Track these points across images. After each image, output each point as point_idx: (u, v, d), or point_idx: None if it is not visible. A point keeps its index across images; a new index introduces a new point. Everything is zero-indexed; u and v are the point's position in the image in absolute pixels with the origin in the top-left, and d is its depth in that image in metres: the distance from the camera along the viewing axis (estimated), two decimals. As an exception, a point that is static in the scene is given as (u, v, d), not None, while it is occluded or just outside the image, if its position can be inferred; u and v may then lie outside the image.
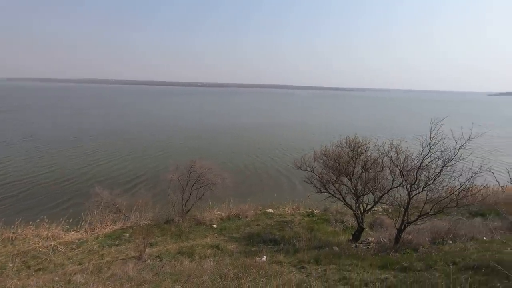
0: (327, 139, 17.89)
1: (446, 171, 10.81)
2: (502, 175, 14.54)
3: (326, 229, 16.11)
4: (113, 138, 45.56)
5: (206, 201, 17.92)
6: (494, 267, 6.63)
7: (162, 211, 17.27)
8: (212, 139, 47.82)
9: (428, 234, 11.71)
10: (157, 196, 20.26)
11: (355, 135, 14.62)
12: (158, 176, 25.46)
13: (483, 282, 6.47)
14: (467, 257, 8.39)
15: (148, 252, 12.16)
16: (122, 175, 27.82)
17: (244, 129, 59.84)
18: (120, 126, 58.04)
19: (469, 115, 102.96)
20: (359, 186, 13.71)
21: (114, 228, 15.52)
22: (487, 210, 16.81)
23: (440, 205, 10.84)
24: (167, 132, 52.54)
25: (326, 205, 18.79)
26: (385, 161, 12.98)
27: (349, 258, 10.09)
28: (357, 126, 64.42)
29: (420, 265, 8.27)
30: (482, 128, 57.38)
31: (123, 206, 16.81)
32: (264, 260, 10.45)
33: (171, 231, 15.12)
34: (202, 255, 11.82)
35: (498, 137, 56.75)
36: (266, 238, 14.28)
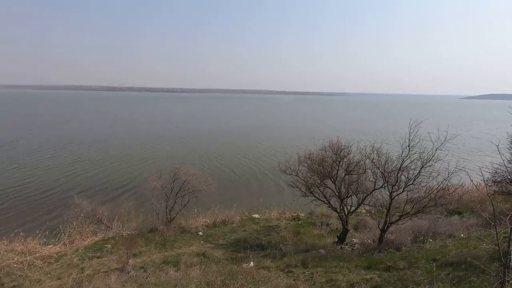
0: (311, 142, 18.16)
1: (424, 171, 11.24)
2: (476, 174, 15.31)
3: (312, 232, 16.25)
4: (93, 146, 44.14)
5: (191, 208, 17.64)
6: (471, 263, 6.94)
7: (146, 220, 16.82)
8: (196, 145, 47.33)
9: (409, 233, 12.07)
10: (140, 205, 19.75)
11: (337, 139, 14.95)
12: (141, 184, 24.93)
13: (462, 277, 6.75)
14: (446, 254, 8.73)
15: (132, 263, 11.78)
16: (103, 184, 26.94)
17: (227, 134, 59.66)
18: (100, 134, 56.32)
19: (444, 117, 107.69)
20: (342, 188, 13.98)
21: (95, 239, 14.94)
22: (464, 208, 17.57)
23: (420, 205, 11.25)
24: (149, 139, 51.50)
25: (312, 209, 18.98)
26: (367, 163, 13.35)
27: (335, 260, 10.22)
28: (327, 127, 65.83)
29: (403, 264, 8.51)
30: (456, 129, 60.20)
31: (104, 216, 16.22)
32: (251, 266, 10.39)
33: (156, 241, 14.74)
34: (188, 263, 11.58)
35: (471, 137, 59.65)
36: (253, 244, 14.22)
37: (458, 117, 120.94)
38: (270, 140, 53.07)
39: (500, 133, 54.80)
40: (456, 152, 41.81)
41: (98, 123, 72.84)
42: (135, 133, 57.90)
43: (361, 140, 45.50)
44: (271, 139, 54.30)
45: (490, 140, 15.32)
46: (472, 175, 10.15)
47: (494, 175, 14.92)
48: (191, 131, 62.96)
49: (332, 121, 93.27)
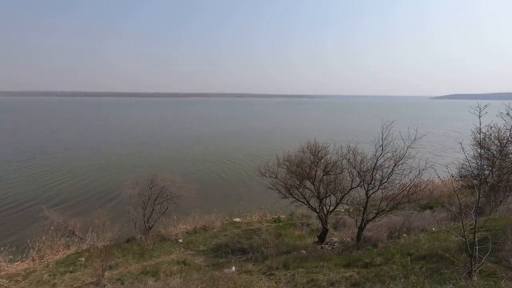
0: (289, 145, 18.36)
1: (397, 169, 11.72)
2: (444, 170, 16.16)
3: (293, 234, 16.40)
4: (63, 154, 41.95)
5: (170, 215, 17.19)
6: (442, 255, 7.30)
7: (122, 230, 16.17)
8: (172, 150, 46.36)
9: (385, 229, 12.50)
10: (116, 214, 18.98)
11: (315, 140, 15.24)
12: (116, 193, 24.02)
13: (434, 269, 7.08)
14: (419, 248, 9.12)
15: (108, 276, 11.26)
16: (75, 194, 25.62)
17: (206, 138, 59.03)
18: (70, 141, 53.70)
19: (414, 117, 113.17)
20: (321, 189, 14.25)
21: (67, 253, 14.15)
22: (435, 203, 18.50)
23: (395, 202, 11.70)
24: (124, 146, 49.80)
25: (292, 210, 19.16)
26: (344, 163, 13.72)
27: (316, 260, 10.37)
28: (303, 128, 67.21)
29: (380, 260, 8.79)
30: (426, 128, 63.41)
31: (77, 228, 15.42)
32: (233, 271, 10.29)
33: (133, 251, 14.21)
34: (168, 272, 11.25)
35: (439, 135, 63.07)
36: (235, 248, 14.11)
37: (428, 116, 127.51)
38: (249, 144, 53.13)
39: (464, 130, 58.36)
40: (426, 150, 43.95)
41: (65, 132, 69.41)
42: (109, 141, 55.75)
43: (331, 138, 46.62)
44: (250, 143, 54.38)
45: (455, 138, 16.28)
46: (440, 171, 10.71)
47: (460, 171, 15.83)
48: (165, 137, 61.59)
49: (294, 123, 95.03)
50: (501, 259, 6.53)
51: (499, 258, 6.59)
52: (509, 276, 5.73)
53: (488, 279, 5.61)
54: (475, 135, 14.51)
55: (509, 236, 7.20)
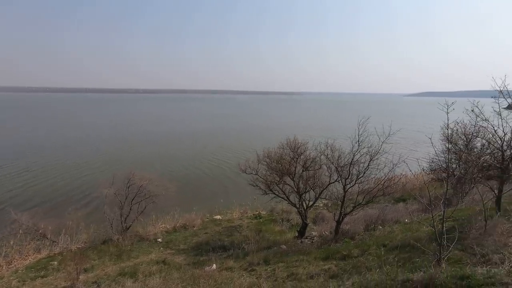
0: (268, 142, 18.48)
1: (373, 164, 12.15)
2: (416, 164, 16.91)
3: (274, 229, 16.58)
4: (34, 153, 39.60)
5: (149, 214, 16.81)
6: (414, 245, 7.69)
7: (98, 231, 15.61)
8: (150, 148, 45.17)
9: (362, 222, 12.96)
10: (91, 215, 18.32)
11: (294, 137, 15.44)
12: (91, 193, 23.10)
13: (406, 258, 7.44)
14: (393, 239, 9.54)
15: (83, 279, 10.84)
16: (46, 195, 24.34)
17: (184, 136, 58.04)
18: (42, 139, 50.86)
19: (389, 113, 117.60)
20: (301, 184, 14.49)
21: (38, 257, 13.45)
22: (407, 195, 19.38)
23: (370, 195, 12.14)
24: (99, 144, 47.88)
25: (272, 206, 19.35)
26: (322, 159, 14.03)
27: (296, 254, 10.56)
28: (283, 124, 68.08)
29: (357, 252, 9.10)
30: (399, 124, 66.05)
31: (48, 230, 14.68)
32: (214, 269, 10.26)
33: (110, 252, 13.76)
34: (146, 273, 11.01)
35: (411, 131, 65.97)
36: (215, 246, 14.05)
37: (402, 113, 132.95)
38: (229, 141, 52.89)
39: (434, 127, 61.49)
40: (400, 145, 45.87)
41: (34, 129, 65.64)
42: (84, 139, 53.37)
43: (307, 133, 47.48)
44: (230, 140, 54.15)
45: (426, 133, 17.12)
46: (412, 165, 11.23)
47: (430, 164, 16.69)
48: (142, 134, 59.87)
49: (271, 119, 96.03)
50: (466, 247, 6.97)
51: (465, 245, 7.04)
52: (473, 262, 6.14)
53: (455, 265, 5.97)
54: (444, 131, 15.34)
55: (474, 225, 7.71)
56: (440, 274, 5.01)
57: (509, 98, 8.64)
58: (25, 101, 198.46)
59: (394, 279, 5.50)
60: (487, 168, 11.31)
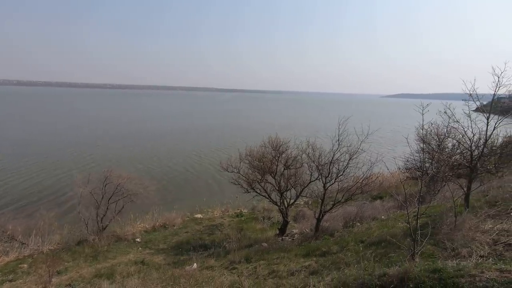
0: (250, 140, 18.46)
1: (352, 163, 12.48)
2: (392, 163, 17.53)
3: (255, 227, 16.64)
4: (5, 150, 37.26)
5: (127, 214, 16.35)
6: (390, 240, 7.97)
7: (72, 232, 14.97)
8: (128, 146, 43.76)
9: (341, 219, 13.29)
10: (65, 215, 17.54)
11: (276, 135, 15.53)
12: (65, 192, 22.17)
13: (383, 254, 7.71)
14: (371, 235, 9.85)
15: (56, 282, 10.36)
16: (15, 194, 22.98)
17: (164, 133, 56.81)
18: (12, 134, 47.93)
19: (368, 113, 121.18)
20: (282, 182, 14.62)
21: (6, 260, 12.71)
22: (384, 193, 20.08)
23: (349, 193, 12.47)
24: (73, 140, 45.81)
25: (254, 204, 19.41)
26: (304, 157, 14.23)
27: (277, 251, 10.66)
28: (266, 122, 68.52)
29: (336, 248, 9.33)
30: (377, 124, 68.15)
31: (17, 232, 13.89)
32: (194, 268, 10.14)
33: (85, 253, 13.25)
34: (124, 274, 10.70)
35: (388, 131, 68.39)
36: (196, 245, 13.91)
37: (381, 114, 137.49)
38: (209, 139, 52.40)
39: (410, 127, 64.09)
40: (377, 144, 47.41)
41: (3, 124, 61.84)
42: (58, 135, 50.87)
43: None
44: (211, 138, 53.65)
45: (401, 133, 17.81)
46: (389, 164, 11.64)
47: (406, 163, 17.37)
48: (118, 131, 58.00)
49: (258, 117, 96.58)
50: (438, 242, 7.33)
51: (437, 240, 7.40)
52: (444, 256, 6.47)
53: (428, 259, 6.25)
54: (418, 131, 16.02)
55: (445, 221, 8.11)
56: (414, 268, 5.23)
57: (478, 101, 9.15)
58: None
59: (371, 273, 5.68)
60: (457, 167, 11.94)
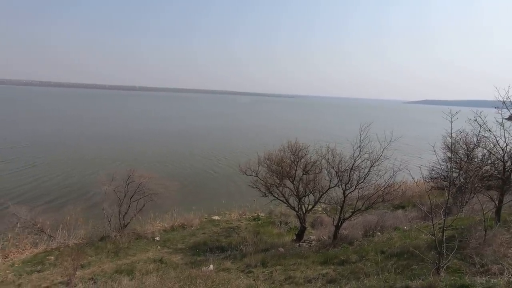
0: (270, 143, 18.44)
1: (373, 170, 12.15)
2: (416, 172, 16.91)
3: (272, 232, 16.53)
4: (33, 146, 39.62)
5: (147, 212, 16.78)
6: (412, 252, 7.67)
7: (96, 228, 15.56)
8: (151, 146, 45.13)
9: (360, 228, 12.93)
10: (90, 211, 18.25)
11: (295, 140, 15.44)
12: (90, 188, 23.05)
13: (405, 266, 7.42)
14: (392, 246, 9.52)
15: (79, 275, 10.81)
16: (44, 190, 24.28)
17: (185, 135, 58.05)
18: (42, 133, 50.87)
19: (390, 119, 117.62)
20: (300, 188, 14.47)
21: (35, 251, 13.42)
22: (407, 203, 19.34)
23: (370, 201, 12.14)
24: (99, 140, 47.85)
25: (271, 208, 19.32)
26: (323, 163, 14.03)
27: (294, 257, 10.53)
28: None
29: (355, 257, 9.08)
30: (402, 130, 66.01)
31: (46, 225, 14.64)
32: (211, 269, 10.23)
33: (107, 249, 13.73)
34: (143, 271, 10.99)
35: (413, 138, 65.93)
36: (213, 246, 14.02)
37: (403, 120, 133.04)
38: (230, 141, 52.88)
39: (435, 134, 61.47)
40: (401, 152, 45.84)
41: (34, 123, 65.66)
42: (83, 134, 53.38)
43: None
44: (231, 140, 54.14)
45: (427, 141, 17.14)
46: (413, 173, 11.23)
47: (431, 172, 16.66)
48: (144, 132, 59.94)
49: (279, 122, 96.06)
50: (465, 256, 6.96)
51: (464, 255, 7.03)
52: (472, 272, 6.13)
53: (454, 274, 5.96)
54: (445, 139, 15.35)
55: (473, 234, 7.69)
56: (439, 282, 5.00)
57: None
58: None
59: (392, 285, 5.50)
60: (487, 178, 11.30)
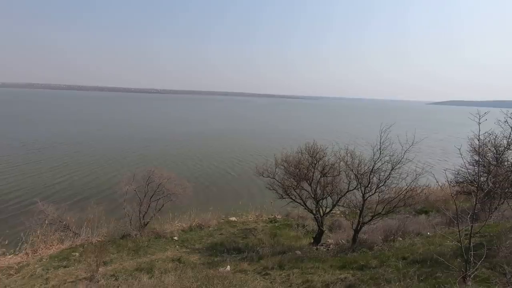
0: (289, 145, 18.33)
1: (394, 173, 11.77)
2: (440, 175, 16.25)
3: (289, 234, 16.41)
4: (58, 148, 41.66)
5: (166, 212, 17.15)
6: (436, 259, 7.33)
7: (117, 226, 16.08)
8: (170, 147, 46.22)
9: (381, 232, 12.54)
10: (112, 210, 18.89)
11: (313, 142, 15.27)
12: (112, 188, 23.84)
13: (428, 273, 7.12)
14: (414, 252, 9.17)
15: (102, 272, 11.20)
16: (71, 188, 25.47)
17: (204, 136, 58.91)
18: (66, 135, 53.37)
19: (413, 121, 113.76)
20: (318, 190, 14.27)
21: (61, 247, 14.06)
22: (430, 208, 18.59)
23: (391, 205, 11.75)
24: (120, 141, 49.57)
25: (288, 210, 19.18)
26: (342, 165, 13.77)
27: (311, 261, 10.39)
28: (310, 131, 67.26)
29: (375, 262, 8.82)
30: (425, 132, 63.70)
31: (72, 222, 15.31)
32: (228, 270, 10.28)
33: (128, 247, 14.16)
34: (162, 270, 11.22)
35: (437, 140, 63.43)
36: (230, 247, 14.09)
37: (426, 121, 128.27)
38: (247, 143, 53.12)
39: (462, 136, 58.89)
40: (424, 154, 44.17)
41: (62, 125, 68.95)
42: (106, 135, 55.47)
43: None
44: (249, 142, 54.37)
45: (453, 143, 16.41)
46: (437, 176, 10.77)
47: (456, 176, 15.92)
48: (164, 133, 61.46)
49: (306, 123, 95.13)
50: (495, 265, 6.58)
51: (493, 264, 6.65)
52: (502, 282, 5.78)
53: (482, 284, 5.65)
54: (472, 142, 14.62)
55: (504, 242, 7.26)
56: (466, 292, 4.75)
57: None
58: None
59: (415, 293, 5.28)
60: (519, 183, 10.66)
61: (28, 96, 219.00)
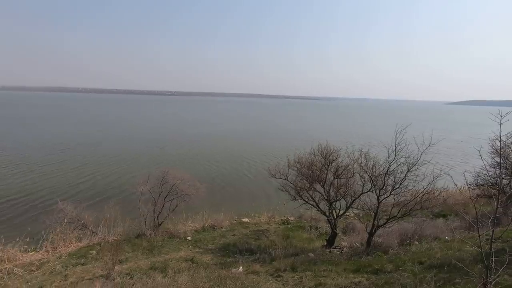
0: (300, 146, 18.23)
1: (410, 175, 11.46)
2: (459, 178, 15.75)
3: (302, 236, 16.28)
4: (77, 149, 43.04)
5: (180, 213, 17.39)
6: (455, 265, 7.09)
7: (133, 225, 16.45)
8: (183, 149, 46.84)
9: (396, 236, 12.24)
10: (127, 209, 19.32)
11: (326, 143, 15.10)
12: (128, 188, 24.38)
13: (446, 279, 6.89)
14: (432, 257, 8.90)
15: (118, 270, 11.47)
16: (88, 189, 26.26)
17: (216, 138, 59.37)
18: (84, 137, 55.06)
19: (430, 121, 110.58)
20: (331, 192, 14.10)
21: (79, 245, 14.50)
22: (448, 211, 18.00)
23: (406, 208, 11.44)
24: (135, 143, 50.67)
25: (301, 212, 19.04)
26: (355, 167, 13.54)
27: (324, 263, 10.26)
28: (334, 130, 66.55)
29: (390, 267, 8.62)
30: (440, 133, 61.77)
31: (89, 221, 15.79)
32: (240, 271, 10.31)
33: (143, 246, 14.44)
34: (176, 269, 11.37)
35: (455, 141, 61.40)
36: (242, 248, 14.12)
37: (445, 121, 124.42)
38: (260, 144, 53.13)
39: (482, 137, 56.77)
40: (442, 156, 42.85)
41: (79, 126, 71.17)
42: (122, 137, 56.85)
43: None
44: (261, 143, 54.37)
45: (472, 145, 15.83)
46: (456, 179, 10.43)
47: (476, 179, 15.36)
48: (179, 134, 62.37)
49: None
50: (518, 272, 6.30)
51: (517, 271, 6.36)
52: (526, 290, 5.52)
53: (504, 292, 5.42)
54: (493, 143, 14.06)
55: (528, 248, 6.93)
56: (487, 299, 4.57)
57: None
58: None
59: (432, 299, 5.13)
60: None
61: (22, 99, 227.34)
